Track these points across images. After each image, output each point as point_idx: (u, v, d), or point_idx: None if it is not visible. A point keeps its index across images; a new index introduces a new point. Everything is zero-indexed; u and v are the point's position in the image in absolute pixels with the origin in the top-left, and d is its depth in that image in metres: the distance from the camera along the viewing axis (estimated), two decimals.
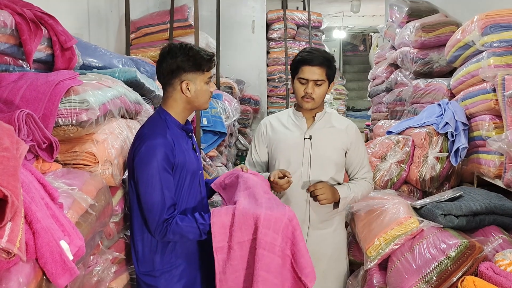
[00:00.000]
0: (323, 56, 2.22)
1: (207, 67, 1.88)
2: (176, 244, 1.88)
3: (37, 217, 1.03)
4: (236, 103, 4.96)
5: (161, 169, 1.76)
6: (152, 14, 4.65)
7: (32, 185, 1.11)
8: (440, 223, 2.20)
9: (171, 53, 1.85)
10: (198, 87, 1.87)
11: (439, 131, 3.09)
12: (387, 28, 5.63)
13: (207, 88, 1.91)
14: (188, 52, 1.84)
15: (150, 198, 1.77)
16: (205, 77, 1.89)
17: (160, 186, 1.76)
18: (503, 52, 2.73)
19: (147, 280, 1.88)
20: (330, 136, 2.31)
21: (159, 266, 1.86)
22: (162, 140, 1.79)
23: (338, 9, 10.75)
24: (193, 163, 1.92)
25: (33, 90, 1.61)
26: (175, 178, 1.83)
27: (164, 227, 1.76)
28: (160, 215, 1.76)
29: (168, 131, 1.85)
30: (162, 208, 1.76)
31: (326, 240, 2.35)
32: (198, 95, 1.89)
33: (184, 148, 1.89)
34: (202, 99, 1.92)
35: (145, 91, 2.57)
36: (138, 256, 1.89)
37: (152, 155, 1.77)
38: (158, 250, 1.86)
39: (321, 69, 2.19)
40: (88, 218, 1.42)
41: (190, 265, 1.91)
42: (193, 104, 1.91)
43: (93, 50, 2.61)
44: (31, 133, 1.43)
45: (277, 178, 2.11)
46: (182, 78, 1.85)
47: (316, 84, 2.20)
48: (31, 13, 1.82)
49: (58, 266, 1.06)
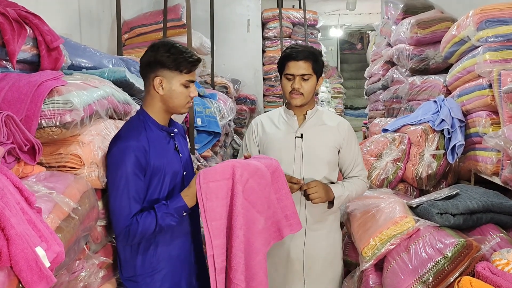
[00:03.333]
0: (308, 50, 2.20)
1: (187, 69, 1.81)
2: (158, 247, 1.83)
3: (11, 223, 0.99)
4: (231, 102, 4.92)
5: (130, 173, 1.72)
6: (145, 14, 4.62)
7: (7, 190, 1.07)
8: (436, 222, 2.17)
9: (154, 47, 1.82)
10: (173, 87, 1.81)
11: (435, 128, 3.06)
12: (383, 25, 5.61)
13: (184, 91, 1.83)
14: (170, 48, 1.79)
15: (115, 203, 1.73)
16: (182, 79, 1.81)
17: (127, 192, 1.72)
18: (499, 47, 2.69)
19: (129, 285, 1.84)
20: (322, 134, 2.27)
21: (140, 270, 1.82)
22: (134, 143, 1.75)
23: (334, 7, 10.72)
24: (174, 164, 1.87)
25: (15, 91, 1.57)
26: (152, 181, 1.79)
27: (127, 231, 1.72)
28: (124, 221, 1.72)
29: (144, 133, 1.80)
30: (126, 215, 1.72)
31: (321, 242, 2.31)
32: (172, 96, 1.82)
33: (163, 150, 1.84)
34: (177, 101, 1.84)
35: (135, 91, 2.53)
36: (121, 260, 1.85)
37: (121, 158, 1.73)
38: (139, 252, 1.82)
39: (307, 63, 2.17)
40: (71, 222, 1.38)
41: (172, 269, 1.87)
42: (167, 104, 1.84)
43: (83, 50, 2.57)
44: (11, 135, 1.39)
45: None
46: (157, 74, 1.80)
47: (303, 78, 2.18)
48: (14, 13, 1.77)
49: (34, 274, 1.02)
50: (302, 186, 2.18)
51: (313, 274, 2.31)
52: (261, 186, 1.84)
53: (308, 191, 2.15)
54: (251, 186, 1.79)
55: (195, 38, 4.37)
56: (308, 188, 2.15)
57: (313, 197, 2.15)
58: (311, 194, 2.15)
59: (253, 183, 1.81)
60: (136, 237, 1.74)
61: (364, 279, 2.33)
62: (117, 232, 1.76)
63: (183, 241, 1.91)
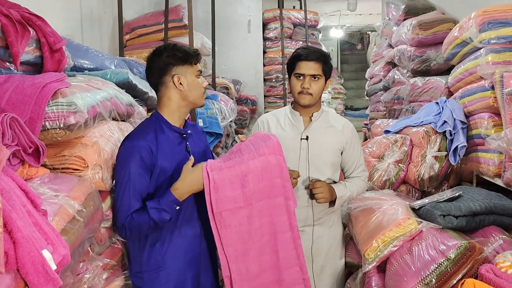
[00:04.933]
0: (319, 52, 2.26)
1: (194, 60, 1.90)
2: (164, 245, 1.86)
3: (18, 226, 0.99)
4: (232, 103, 4.92)
5: (133, 172, 1.77)
6: (146, 15, 4.62)
7: (13, 192, 1.07)
8: (439, 224, 2.17)
9: (156, 53, 1.89)
10: (189, 79, 1.89)
11: (437, 129, 3.06)
12: (384, 26, 5.61)
13: (198, 81, 1.92)
14: (172, 48, 1.88)
15: (117, 199, 1.79)
16: (194, 70, 1.90)
17: (128, 189, 1.77)
18: (501, 49, 2.69)
19: (136, 281, 1.88)
20: (327, 136, 2.31)
21: (146, 266, 1.86)
22: (141, 142, 1.80)
23: (335, 8, 10.72)
24: (183, 165, 1.87)
25: (19, 93, 1.56)
26: (159, 180, 1.83)
27: (124, 226, 1.78)
28: (122, 217, 1.78)
29: (154, 133, 1.85)
30: (126, 211, 1.77)
31: (323, 237, 2.37)
32: (191, 88, 1.89)
33: (172, 151, 1.87)
34: (196, 93, 1.91)
35: (138, 92, 2.53)
36: (129, 255, 1.91)
37: (127, 158, 1.79)
38: (146, 248, 1.86)
39: (318, 64, 2.22)
40: (76, 224, 1.37)
41: (178, 268, 1.88)
42: (187, 99, 1.91)
43: (85, 51, 2.57)
44: (16, 138, 1.38)
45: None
46: (173, 73, 1.87)
47: (313, 79, 2.22)
48: (18, 14, 1.77)
49: (40, 277, 1.02)
50: (309, 184, 2.25)
51: (316, 268, 2.37)
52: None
53: (314, 191, 2.21)
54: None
55: (196, 38, 4.37)
56: (314, 188, 2.21)
57: (318, 196, 2.21)
58: (316, 194, 2.21)
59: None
60: (132, 232, 1.78)
61: (366, 280, 2.33)
62: (117, 226, 1.81)
63: (191, 242, 1.92)
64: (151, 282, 1.86)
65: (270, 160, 1.79)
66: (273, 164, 1.79)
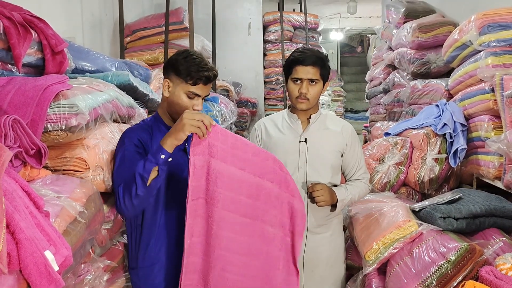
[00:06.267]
0: (316, 55, 2.20)
1: (193, 80, 1.83)
2: (159, 241, 1.88)
3: (21, 227, 0.99)
4: (232, 106, 4.91)
5: (130, 150, 1.81)
6: (147, 17, 4.62)
7: (16, 194, 1.07)
8: (439, 226, 2.17)
9: (178, 52, 1.93)
10: (176, 92, 1.86)
11: (437, 132, 3.06)
12: (384, 29, 5.61)
13: (185, 101, 1.85)
14: (187, 57, 1.86)
15: (115, 173, 1.79)
16: (186, 88, 1.84)
17: (123, 163, 1.78)
18: (501, 52, 2.70)
19: (133, 276, 1.92)
20: (326, 138, 2.28)
21: (141, 263, 1.89)
22: (136, 131, 1.87)
23: (335, 11, 10.74)
24: (177, 161, 1.86)
25: (21, 95, 1.57)
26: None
27: (117, 192, 1.74)
28: (116, 185, 1.77)
29: (150, 129, 1.91)
30: (120, 180, 1.76)
31: (324, 245, 2.31)
32: (173, 101, 1.87)
33: None
34: (177, 108, 1.86)
35: (139, 94, 2.54)
36: (128, 250, 1.93)
37: (125, 138, 1.85)
38: (141, 248, 1.88)
39: (315, 68, 2.17)
40: (77, 226, 1.38)
41: (172, 262, 1.89)
42: (170, 108, 1.91)
43: (86, 53, 2.57)
44: (18, 139, 1.39)
45: None
46: (168, 76, 1.89)
47: (311, 83, 2.18)
48: (20, 17, 1.78)
49: (42, 278, 1.02)
50: (309, 187, 2.19)
51: (315, 277, 2.31)
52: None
53: (314, 193, 2.15)
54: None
55: (196, 41, 4.38)
56: (314, 191, 2.15)
57: (318, 199, 2.15)
58: (316, 197, 2.14)
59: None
60: (125, 195, 1.70)
61: (367, 283, 2.33)
62: (115, 202, 1.76)
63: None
64: (145, 277, 1.89)
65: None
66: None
